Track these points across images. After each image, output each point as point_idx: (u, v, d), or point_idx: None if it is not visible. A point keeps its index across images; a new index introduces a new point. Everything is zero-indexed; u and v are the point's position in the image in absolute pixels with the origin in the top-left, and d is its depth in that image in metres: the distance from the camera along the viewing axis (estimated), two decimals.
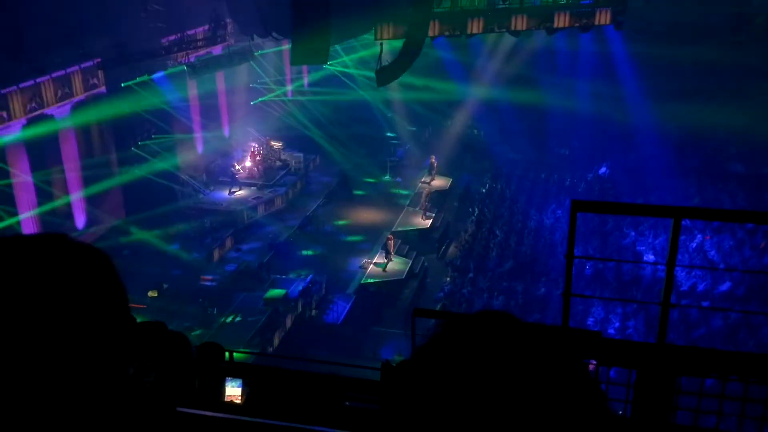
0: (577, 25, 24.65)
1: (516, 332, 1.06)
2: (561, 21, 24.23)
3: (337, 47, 32.41)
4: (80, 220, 25.44)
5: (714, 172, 32.16)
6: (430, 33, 23.23)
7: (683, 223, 4.22)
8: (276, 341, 21.48)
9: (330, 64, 30.74)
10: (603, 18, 24.56)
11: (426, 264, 27.15)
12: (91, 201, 25.73)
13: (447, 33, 23.71)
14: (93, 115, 25.10)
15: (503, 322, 1.08)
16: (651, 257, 26.14)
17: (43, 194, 23.70)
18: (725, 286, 23.66)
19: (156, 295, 22.81)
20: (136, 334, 1.21)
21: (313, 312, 23.49)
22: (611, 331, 21.78)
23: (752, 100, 30.77)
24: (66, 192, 24.78)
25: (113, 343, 1.16)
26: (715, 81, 31.16)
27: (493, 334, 1.05)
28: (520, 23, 24.04)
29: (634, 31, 28.43)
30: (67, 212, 24.96)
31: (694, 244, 26.48)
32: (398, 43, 23.91)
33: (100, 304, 1.15)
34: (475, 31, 23.84)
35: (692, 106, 32.60)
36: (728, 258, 25.84)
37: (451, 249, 28.96)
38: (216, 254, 26.49)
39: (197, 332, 20.79)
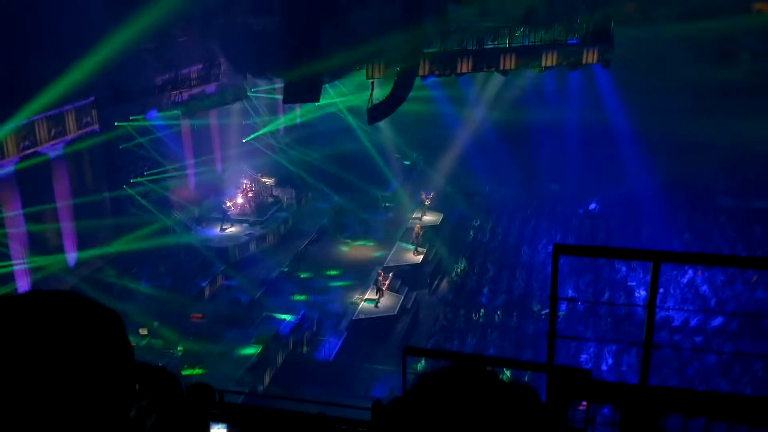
0: (565, 63, 25.10)
1: (490, 391, 1.10)
2: (549, 60, 24.68)
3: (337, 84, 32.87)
4: (72, 258, 25.32)
5: (703, 206, 32.46)
6: (421, 72, 23.59)
7: None
8: (267, 379, 21.28)
9: (322, 103, 31.03)
10: (590, 57, 25.03)
11: (418, 299, 27.10)
12: (83, 238, 25.64)
13: (437, 72, 24.08)
14: (86, 152, 25.23)
15: (478, 380, 1.12)
16: (642, 292, 26.19)
17: (34, 231, 23.61)
18: (717, 322, 23.68)
19: (146, 333, 22.64)
20: (138, 380, 1.32)
21: (305, 349, 23.34)
22: (604, 367, 21.70)
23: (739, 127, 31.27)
24: (58, 231, 24.72)
25: (119, 391, 1.24)
26: (702, 107, 31.65)
27: (467, 393, 1.10)
28: (508, 62, 24.47)
29: (621, 67, 28.94)
30: (59, 249, 24.84)
31: (686, 279, 26.56)
32: (389, 82, 24.26)
33: (108, 359, 1.22)
34: (464, 70, 24.23)
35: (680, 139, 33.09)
36: (720, 293, 25.92)
37: (444, 284, 28.95)
38: (207, 291, 26.38)
39: (193, 371, 20.67)
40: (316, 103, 28.84)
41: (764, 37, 32.90)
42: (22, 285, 22.87)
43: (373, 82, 24.08)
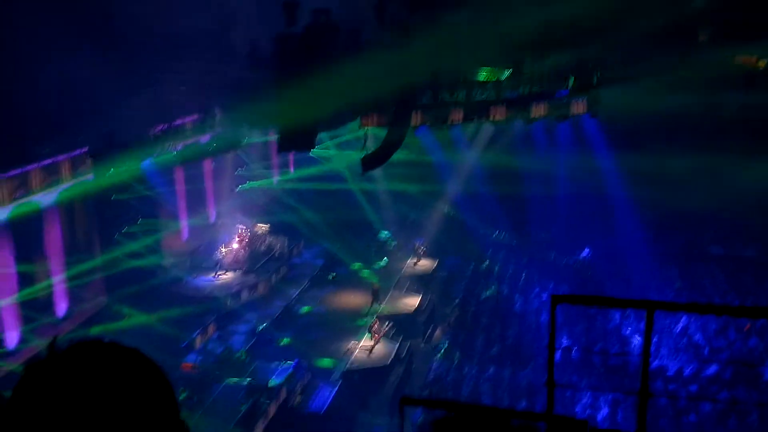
0: (553, 115, 25.54)
1: None
2: (538, 111, 25.10)
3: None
4: (61, 308, 25.11)
5: (694, 255, 32.64)
6: (413, 123, 23.96)
7: None
8: (259, 431, 20.91)
9: (315, 152, 31.41)
10: (578, 108, 25.47)
11: (412, 348, 26.90)
12: (73, 288, 25.47)
13: (429, 123, 24.46)
14: (79, 200, 25.33)
15: (491, 425, 1.19)
16: (638, 339, 26.11)
17: (24, 280, 23.45)
18: (711, 370, 23.58)
19: None
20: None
21: (297, 399, 23.00)
22: (600, 417, 21.48)
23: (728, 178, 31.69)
24: (48, 279, 24.57)
25: None
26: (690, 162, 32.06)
27: None
28: (498, 114, 24.87)
29: (608, 118, 29.46)
30: (48, 299, 24.63)
31: (679, 328, 26.54)
32: (382, 132, 24.62)
33: (159, 407, 1.27)
34: (455, 121, 24.63)
35: (669, 190, 33.49)
36: (713, 341, 25.87)
37: (437, 333, 28.78)
38: (198, 341, 26.11)
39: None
40: (310, 152, 29.17)
41: (749, 87, 33.61)
42: (11, 331, 22.65)
43: (366, 132, 24.43)
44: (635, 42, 26.25)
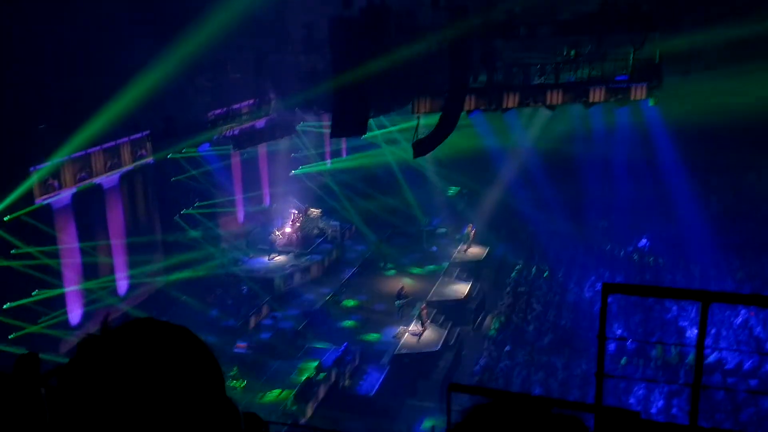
0: (612, 100, 24.87)
1: (540, 422, 1.15)
2: (596, 96, 24.49)
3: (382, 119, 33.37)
4: (122, 287, 25.99)
5: (758, 244, 31.40)
6: (466, 107, 23.69)
7: None
8: (309, 412, 21.27)
9: (367, 137, 31.42)
10: (638, 93, 24.72)
11: (461, 335, 26.80)
12: (134, 266, 26.32)
13: (483, 107, 24.15)
14: (139, 183, 26.08)
15: (529, 411, 1.16)
16: (694, 332, 25.39)
17: (87, 261, 24.34)
18: None
19: None
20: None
21: (347, 382, 23.28)
22: (654, 410, 21.02)
23: None
24: (110, 259, 25.43)
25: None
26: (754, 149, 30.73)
27: (518, 424, 1.14)
28: (555, 98, 24.39)
29: (669, 104, 28.47)
30: (110, 279, 25.51)
31: (739, 320, 25.66)
32: (435, 117, 24.45)
33: (205, 383, 1.28)
34: (510, 105, 24.25)
35: (731, 177, 32.25)
36: None
37: (488, 320, 28.58)
38: (252, 321, 26.67)
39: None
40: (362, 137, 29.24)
41: None
42: (74, 310, 23.58)
43: (419, 117, 24.29)
44: (700, 22, 25.24)
